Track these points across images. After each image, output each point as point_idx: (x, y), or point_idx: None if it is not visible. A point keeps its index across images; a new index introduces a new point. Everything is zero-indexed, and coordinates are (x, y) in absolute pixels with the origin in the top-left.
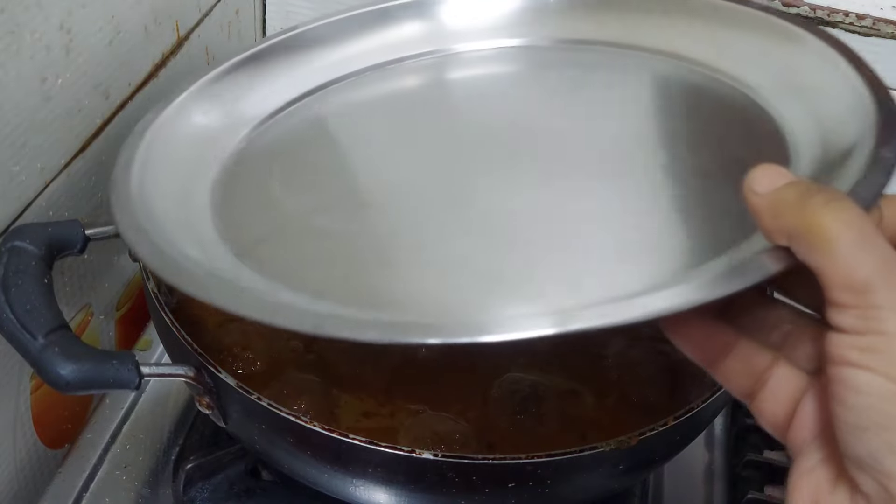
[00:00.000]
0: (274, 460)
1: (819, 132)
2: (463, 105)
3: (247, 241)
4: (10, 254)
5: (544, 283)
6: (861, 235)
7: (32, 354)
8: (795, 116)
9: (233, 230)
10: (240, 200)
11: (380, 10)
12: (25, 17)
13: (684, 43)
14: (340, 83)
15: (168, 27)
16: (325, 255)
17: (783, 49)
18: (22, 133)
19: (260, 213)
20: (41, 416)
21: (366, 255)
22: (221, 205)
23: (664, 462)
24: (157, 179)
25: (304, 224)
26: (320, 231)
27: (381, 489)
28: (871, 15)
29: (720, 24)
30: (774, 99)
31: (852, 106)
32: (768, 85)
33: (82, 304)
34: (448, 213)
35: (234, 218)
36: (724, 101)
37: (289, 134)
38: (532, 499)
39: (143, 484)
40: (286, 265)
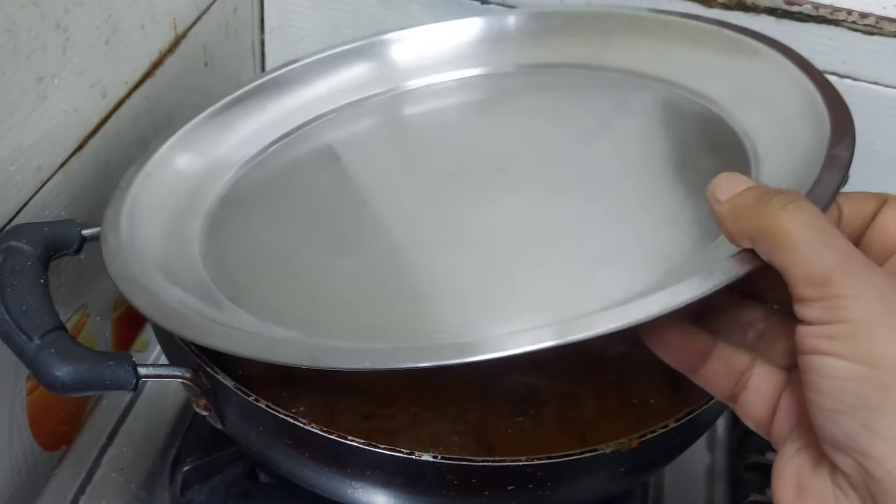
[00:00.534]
0: (272, 462)
1: (777, 137)
2: (436, 136)
3: (238, 285)
4: (5, 254)
5: (530, 298)
6: (818, 232)
7: (28, 355)
8: (754, 125)
9: (223, 274)
10: (228, 244)
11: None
12: (21, 16)
13: (643, 61)
14: (317, 122)
15: (165, 25)
16: (314, 292)
17: (736, 60)
18: (18, 132)
19: (248, 256)
20: (37, 417)
21: (354, 288)
22: (210, 250)
23: (665, 464)
24: (145, 229)
25: (291, 263)
26: (307, 269)
27: (380, 491)
28: (874, 13)
29: (675, 41)
30: (733, 109)
31: (806, 109)
32: (726, 96)
33: (78, 305)
34: (429, 240)
35: (223, 262)
36: (685, 115)
37: (268, 176)
38: (532, 501)
39: (140, 486)
40: (277, 305)
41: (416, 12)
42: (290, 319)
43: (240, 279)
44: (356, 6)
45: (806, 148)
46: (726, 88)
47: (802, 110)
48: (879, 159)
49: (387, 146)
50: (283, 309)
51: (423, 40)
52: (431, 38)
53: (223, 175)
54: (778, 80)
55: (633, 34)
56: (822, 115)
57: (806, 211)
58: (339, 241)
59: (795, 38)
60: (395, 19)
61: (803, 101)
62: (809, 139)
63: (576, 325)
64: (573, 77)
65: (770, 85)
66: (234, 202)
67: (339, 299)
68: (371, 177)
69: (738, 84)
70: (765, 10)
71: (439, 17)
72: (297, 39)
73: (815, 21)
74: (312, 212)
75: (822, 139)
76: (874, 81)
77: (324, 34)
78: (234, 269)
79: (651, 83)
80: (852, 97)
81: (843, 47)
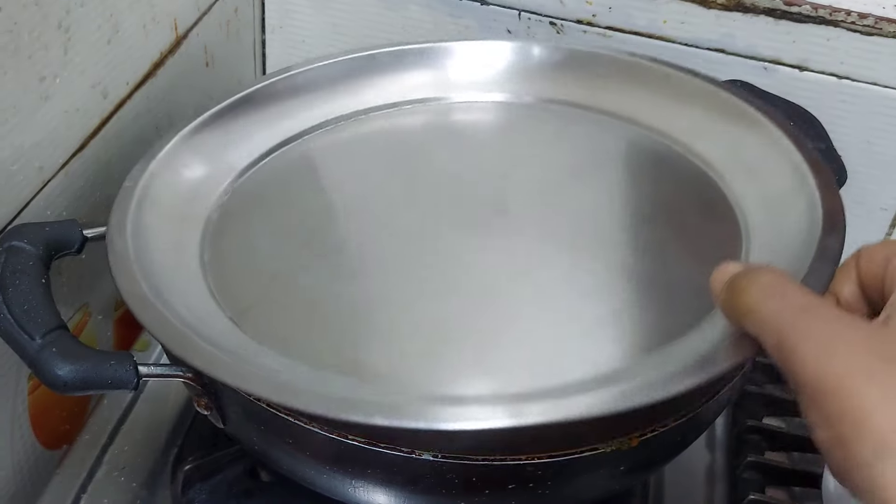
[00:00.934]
0: (273, 461)
1: (768, 214)
2: (438, 156)
3: (240, 305)
4: (7, 253)
5: (502, 362)
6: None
7: (30, 355)
8: (746, 196)
9: (225, 290)
10: (228, 256)
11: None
12: (23, 16)
13: (643, 110)
14: (320, 130)
15: (166, 26)
16: (309, 318)
17: (733, 126)
18: (20, 132)
19: (249, 273)
20: (39, 417)
21: (344, 319)
22: (211, 262)
23: (665, 463)
24: (149, 238)
25: (292, 287)
26: (305, 293)
27: (381, 490)
28: (873, 14)
29: (673, 95)
30: (727, 174)
31: (797, 190)
32: (720, 159)
33: (80, 304)
34: (420, 278)
35: (225, 276)
36: (680, 173)
37: (269, 184)
38: (532, 500)
39: (142, 485)
40: (277, 330)
41: (416, 13)
42: (289, 347)
43: (241, 299)
44: (357, 7)
45: (796, 229)
46: (721, 153)
47: (794, 190)
48: (879, 159)
49: (385, 160)
50: (282, 335)
51: (432, 56)
52: (440, 55)
53: (224, 179)
54: (772, 155)
55: (629, 81)
56: (813, 197)
57: (765, 275)
58: (338, 268)
59: (794, 38)
60: (396, 20)
61: (795, 181)
62: (800, 221)
63: (505, 408)
64: (574, 116)
65: (764, 158)
66: (235, 211)
67: (334, 330)
68: (370, 194)
69: (732, 151)
70: (763, 11)
71: (439, 18)
72: (298, 40)
73: (813, 21)
74: (312, 229)
75: (813, 224)
76: (873, 82)
77: (325, 35)
78: (235, 285)
79: (649, 134)
80: (851, 98)
81: (842, 48)
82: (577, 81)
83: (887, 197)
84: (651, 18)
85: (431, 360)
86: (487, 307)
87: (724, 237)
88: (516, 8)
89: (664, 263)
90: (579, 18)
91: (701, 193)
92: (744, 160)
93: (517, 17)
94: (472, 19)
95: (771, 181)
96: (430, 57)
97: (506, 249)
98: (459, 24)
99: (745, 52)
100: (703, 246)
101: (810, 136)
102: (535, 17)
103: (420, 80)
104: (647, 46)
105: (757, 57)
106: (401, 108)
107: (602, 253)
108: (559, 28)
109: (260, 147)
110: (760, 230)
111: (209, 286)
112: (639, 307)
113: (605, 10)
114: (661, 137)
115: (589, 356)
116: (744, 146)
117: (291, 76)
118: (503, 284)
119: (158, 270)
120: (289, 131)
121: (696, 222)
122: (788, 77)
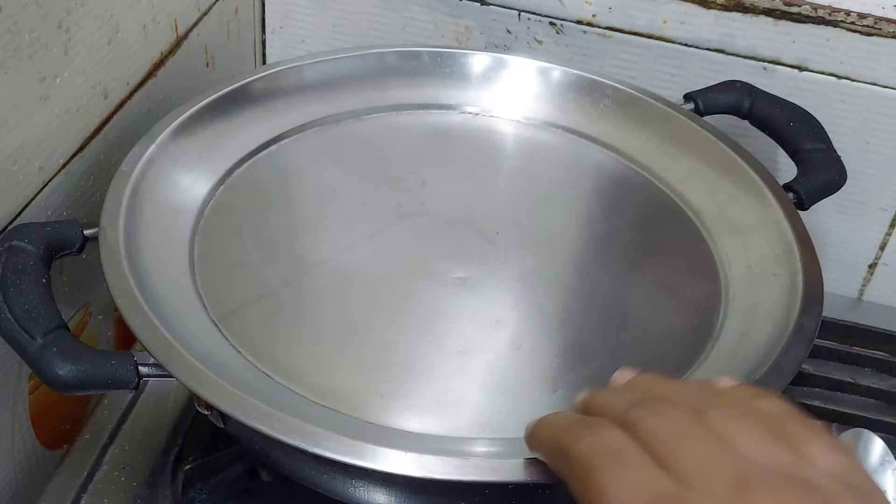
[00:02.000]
0: (273, 461)
1: (750, 279)
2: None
3: (225, 308)
4: (8, 253)
5: (452, 401)
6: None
7: (30, 354)
8: (731, 255)
9: (210, 291)
10: (217, 255)
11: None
12: (24, 16)
13: (640, 148)
14: (319, 126)
15: (167, 26)
16: (288, 335)
17: (727, 181)
18: (21, 132)
19: (236, 275)
20: (39, 416)
21: (319, 342)
22: (199, 259)
23: None
24: (142, 229)
25: (274, 299)
26: (286, 309)
27: (381, 490)
28: (872, 14)
29: (671, 138)
30: (714, 229)
31: (780, 259)
32: (710, 212)
33: (81, 304)
34: (396, 308)
35: (212, 276)
36: (669, 217)
37: (259, 182)
38: (533, 500)
39: (142, 485)
40: (258, 339)
41: (416, 13)
42: (264, 359)
43: (226, 302)
44: (357, 7)
45: (775, 301)
46: (711, 205)
47: (778, 260)
48: (877, 159)
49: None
50: (259, 346)
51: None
52: (435, 61)
53: (217, 172)
54: (762, 218)
55: (632, 117)
56: (796, 271)
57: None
58: (322, 288)
59: (794, 38)
60: (396, 20)
61: (780, 250)
62: (779, 292)
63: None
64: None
65: (754, 220)
66: (229, 206)
67: (309, 351)
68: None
69: (722, 204)
70: (763, 11)
71: (439, 18)
72: (298, 40)
73: (813, 22)
74: (301, 238)
75: (792, 299)
76: (872, 82)
77: (325, 35)
78: (221, 287)
79: (646, 176)
80: (851, 98)
81: (842, 48)
82: (582, 108)
83: (887, 197)
84: (651, 19)
85: (395, 396)
86: (457, 348)
87: (705, 297)
88: (516, 8)
89: (641, 320)
90: (579, 19)
91: (688, 247)
92: (732, 219)
93: (517, 18)
94: (471, 20)
95: (756, 246)
96: (436, 63)
97: (485, 287)
98: (459, 24)
99: (744, 52)
100: (681, 305)
101: (810, 137)
102: (534, 18)
103: (423, 85)
104: (646, 46)
105: (757, 57)
106: (399, 112)
107: (578, 300)
108: (559, 28)
109: (258, 139)
110: (741, 294)
111: (196, 284)
112: (611, 365)
113: (605, 11)
114: (656, 181)
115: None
116: (734, 203)
117: (295, 68)
118: (478, 326)
119: (148, 264)
120: (288, 125)
121: (681, 280)
122: (788, 77)
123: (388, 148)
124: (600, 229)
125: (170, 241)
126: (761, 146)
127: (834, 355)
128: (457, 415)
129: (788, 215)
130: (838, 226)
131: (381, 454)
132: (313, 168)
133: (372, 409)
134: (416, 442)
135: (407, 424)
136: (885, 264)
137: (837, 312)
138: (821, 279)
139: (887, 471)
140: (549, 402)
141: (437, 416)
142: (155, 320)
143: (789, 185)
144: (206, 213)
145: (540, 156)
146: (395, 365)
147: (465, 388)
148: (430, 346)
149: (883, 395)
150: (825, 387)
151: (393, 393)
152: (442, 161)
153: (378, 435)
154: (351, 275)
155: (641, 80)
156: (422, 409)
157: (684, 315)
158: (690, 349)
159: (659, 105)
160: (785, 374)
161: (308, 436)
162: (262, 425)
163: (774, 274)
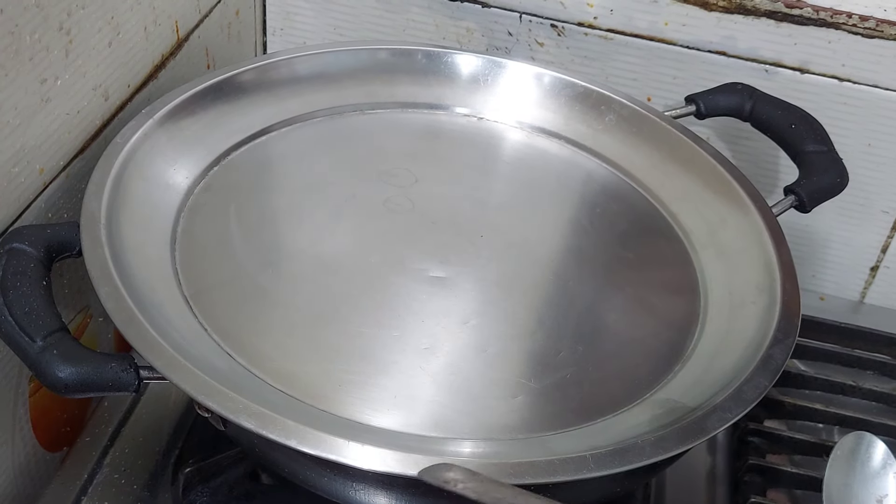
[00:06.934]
0: (273, 464)
1: (729, 303)
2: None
3: (199, 284)
4: (8, 256)
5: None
6: None
7: (31, 357)
8: (714, 278)
9: (187, 267)
10: (200, 233)
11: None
12: (25, 18)
13: (636, 163)
14: (320, 117)
15: (167, 28)
16: (257, 318)
17: (719, 204)
18: (21, 134)
19: (215, 255)
20: (40, 419)
21: (287, 328)
22: (182, 235)
23: (667, 466)
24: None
25: (248, 281)
26: (259, 292)
27: (381, 492)
28: (874, 17)
29: (669, 153)
30: (702, 251)
31: (762, 288)
32: (700, 234)
33: (81, 307)
34: (371, 301)
35: (191, 252)
36: (658, 235)
37: (251, 168)
38: None
39: (142, 487)
40: (227, 320)
41: (417, 15)
42: (233, 341)
43: (200, 279)
44: (357, 8)
45: (749, 328)
46: (703, 227)
47: (759, 288)
48: (879, 162)
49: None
50: (227, 326)
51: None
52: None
53: (213, 153)
54: (750, 245)
55: (633, 133)
56: (774, 299)
57: None
58: (298, 275)
59: (796, 41)
60: (397, 22)
61: (763, 279)
62: (755, 319)
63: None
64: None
65: (742, 245)
66: (219, 187)
67: (277, 337)
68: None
69: (713, 227)
70: (765, 13)
71: (440, 20)
72: (299, 41)
73: (815, 24)
74: (283, 226)
75: (767, 328)
76: (874, 84)
77: (325, 36)
78: (198, 264)
79: (641, 192)
80: (852, 100)
81: (844, 50)
82: (586, 120)
83: (888, 199)
84: (652, 21)
85: (353, 387)
86: (423, 346)
87: (681, 317)
88: (517, 10)
89: (613, 334)
90: (580, 21)
91: (672, 266)
92: (721, 242)
93: (518, 20)
94: (473, 21)
95: (741, 272)
96: (430, 62)
97: (460, 288)
98: (460, 26)
99: (746, 54)
100: (656, 323)
101: (811, 139)
102: (536, 20)
103: (430, 84)
104: (648, 49)
105: (758, 59)
106: (404, 110)
107: (553, 309)
108: (560, 30)
109: (258, 124)
110: (717, 318)
111: (174, 259)
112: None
113: (607, 13)
114: (651, 198)
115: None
116: (725, 227)
117: (302, 57)
118: (447, 327)
119: (127, 234)
120: (289, 113)
121: (660, 298)
122: (790, 79)
123: (385, 143)
124: (586, 241)
125: (155, 215)
126: (763, 148)
127: (835, 358)
128: (411, 411)
129: (777, 245)
130: (840, 228)
131: (324, 440)
132: (308, 157)
133: (328, 398)
134: (363, 433)
135: (361, 416)
136: (886, 267)
137: (839, 315)
138: (798, 312)
139: (889, 474)
140: (507, 408)
141: (393, 411)
142: (122, 289)
143: (791, 188)
144: (197, 191)
145: (537, 163)
146: (358, 357)
147: (425, 385)
148: (396, 341)
149: (885, 398)
150: (827, 389)
151: (352, 384)
152: (438, 160)
153: (327, 423)
154: (329, 264)
155: (643, 82)
156: (378, 403)
157: (658, 333)
158: (659, 368)
159: (663, 124)
160: (746, 401)
161: (255, 416)
162: (212, 402)
163: (753, 302)
